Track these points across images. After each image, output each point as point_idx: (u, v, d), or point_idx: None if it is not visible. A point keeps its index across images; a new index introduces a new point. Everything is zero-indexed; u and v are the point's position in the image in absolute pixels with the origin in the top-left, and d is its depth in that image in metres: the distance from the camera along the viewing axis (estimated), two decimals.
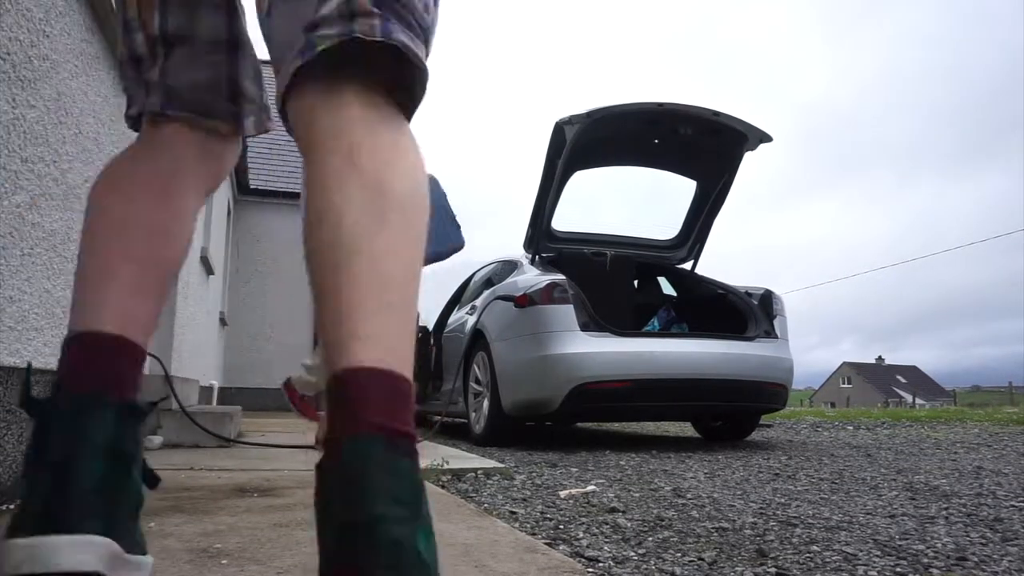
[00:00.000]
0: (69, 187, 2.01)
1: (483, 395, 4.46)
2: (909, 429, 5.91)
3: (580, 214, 4.97)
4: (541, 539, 1.61)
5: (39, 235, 1.80)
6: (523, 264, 4.83)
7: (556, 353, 3.86)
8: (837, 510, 2.06)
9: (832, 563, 1.45)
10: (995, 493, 2.38)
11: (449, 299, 6.24)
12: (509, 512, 1.98)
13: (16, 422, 1.70)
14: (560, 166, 4.41)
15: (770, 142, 4.69)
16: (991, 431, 5.46)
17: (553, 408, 3.90)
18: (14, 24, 1.57)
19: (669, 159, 4.99)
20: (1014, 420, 6.45)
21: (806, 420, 7.49)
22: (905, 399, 46.38)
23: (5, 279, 1.60)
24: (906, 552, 1.54)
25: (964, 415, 7.88)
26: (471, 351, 4.72)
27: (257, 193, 10.13)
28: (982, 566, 1.43)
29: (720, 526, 1.81)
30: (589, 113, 4.22)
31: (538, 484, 2.54)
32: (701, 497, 2.28)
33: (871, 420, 7.37)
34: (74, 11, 1.98)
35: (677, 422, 6.79)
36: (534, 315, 4.00)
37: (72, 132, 2.01)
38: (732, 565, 1.43)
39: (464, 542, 1.43)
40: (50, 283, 1.90)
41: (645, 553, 1.53)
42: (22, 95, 1.64)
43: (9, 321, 1.63)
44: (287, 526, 1.53)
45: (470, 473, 2.72)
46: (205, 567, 1.18)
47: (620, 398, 3.94)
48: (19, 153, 1.64)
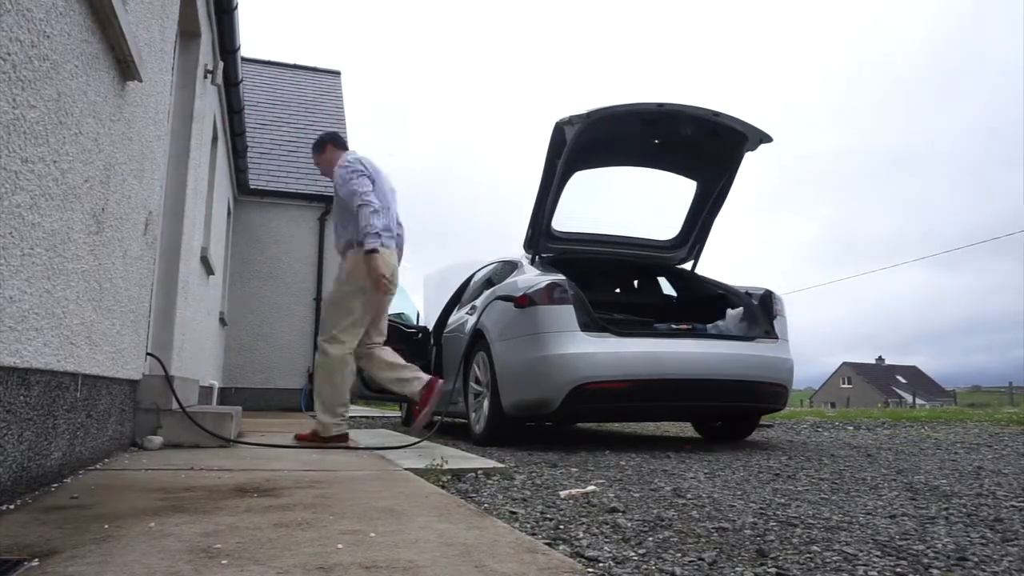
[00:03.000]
0: (69, 187, 2.01)
1: (483, 395, 4.45)
2: (909, 429, 5.90)
3: (580, 214, 4.96)
4: (541, 539, 1.61)
5: (39, 235, 1.80)
6: (523, 264, 4.83)
7: (556, 353, 3.86)
8: (837, 510, 2.06)
9: (832, 563, 1.45)
10: (995, 493, 2.38)
11: (449, 299, 6.23)
12: (509, 512, 1.98)
13: (16, 422, 1.70)
14: (560, 166, 4.40)
15: (770, 142, 4.69)
16: (991, 431, 5.46)
17: (553, 408, 3.90)
18: (14, 24, 1.57)
19: (669, 159, 4.98)
20: (1014, 420, 6.45)
21: (806, 420, 7.49)
22: (905, 399, 46.36)
23: (5, 279, 1.60)
24: (906, 552, 1.54)
25: (964, 415, 7.88)
26: (471, 351, 4.72)
27: (257, 193, 10.13)
28: (982, 566, 1.43)
29: (720, 526, 1.81)
30: (589, 113, 4.22)
31: (538, 484, 2.54)
32: (701, 497, 2.28)
33: (871, 420, 7.37)
34: (74, 11, 1.98)
35: (677, 422, 6.79)
36: (534, 315, 4.00)
37: (72, 132, 2.01)
38: (732, 565, 1.43)
39: (464, 542, 1.43)
40: (50, 283, 1.90)
41: (645, 553, 1.53)
42: (22, 95, 1.64)
43: (9, 321, 1.63)
44: (287, 526, 1.53)
45: (470, 473, 2.72)
46: (205, 567, 1.18)
47: (620, 398, 3.93)
48: (19, 153, 1.64)
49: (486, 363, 4.41)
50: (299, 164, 11.07)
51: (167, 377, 3.40)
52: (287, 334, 10.19)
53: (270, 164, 10.83)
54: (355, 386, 6.00)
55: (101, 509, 1.68)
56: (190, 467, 2.56)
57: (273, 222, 10.32)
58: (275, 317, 10.15)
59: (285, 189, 10.41)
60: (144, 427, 3.27)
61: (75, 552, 1.26)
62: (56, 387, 2.00)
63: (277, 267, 10.25)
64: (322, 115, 12.51)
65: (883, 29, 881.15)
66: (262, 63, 13.35)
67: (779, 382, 4.25)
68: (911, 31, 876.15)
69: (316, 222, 10.52)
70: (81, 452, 2.31)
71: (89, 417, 2.40)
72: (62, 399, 2.07)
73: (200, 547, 1.32)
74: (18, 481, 1.75)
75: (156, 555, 1.26)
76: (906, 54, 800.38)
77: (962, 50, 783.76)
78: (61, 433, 2.07)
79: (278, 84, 12.95)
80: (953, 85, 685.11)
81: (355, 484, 2.25)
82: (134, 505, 1.75)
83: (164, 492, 1.97)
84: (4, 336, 1.61)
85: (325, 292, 10.38)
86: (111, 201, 2.49)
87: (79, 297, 2.18)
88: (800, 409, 12.39)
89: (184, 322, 4.50)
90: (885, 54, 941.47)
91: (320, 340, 3.84)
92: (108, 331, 2.59)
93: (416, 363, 6.15)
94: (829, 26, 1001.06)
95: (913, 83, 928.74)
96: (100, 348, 2.48)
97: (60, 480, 2.09)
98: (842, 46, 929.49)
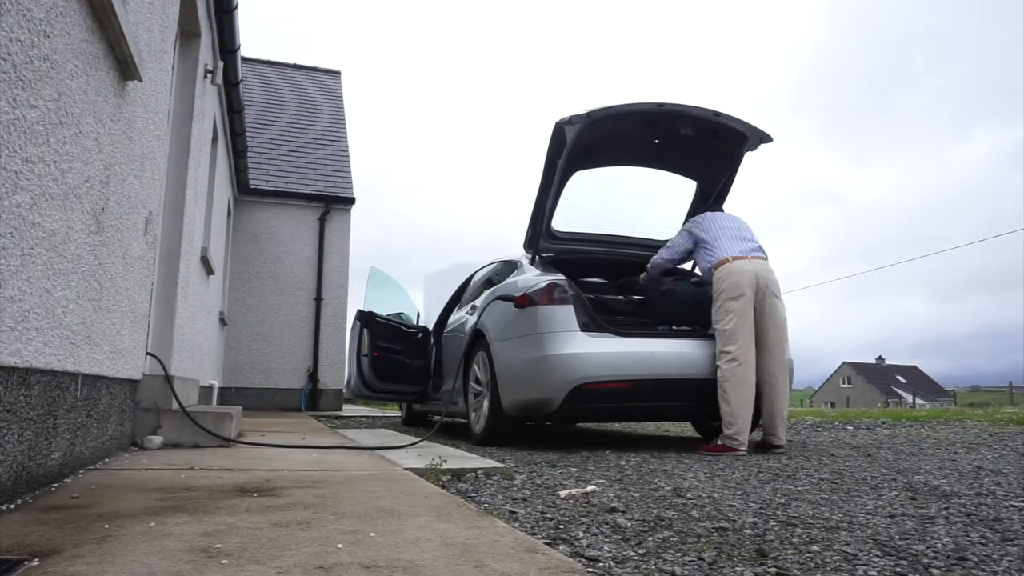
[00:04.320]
0: (69, 187, 2.01)
1: (483, 395, 4.46)
2: (909, 429, 5.90)
3: (580, 214, 4.96)
4: (541, 539, 1.61)
5: (39, 235, 1.80)
6: (523, 264, 4.83)
7: (556, 353, 3.86)
8: (837, 510, 2.06)
9: (832, 563, 1.45)
10: (995, 493, 2.38)
11: (449, 299, 6.24)
12: (509, 512, 1.98)
13: (16, 422, 1.71)
14: (560, 166, 4.40)
15: (770, 142, 4.69)
16: (991, 431, 5.46)
17: (553, 408, 3.90)
18: (15, 24, 1.57)
19: (669, 159, 4.98)
20: (1014, 420, 6.45)
21: (806, 420, 7.49)
22: (905, 399, 46.36)
23: (5, 279, 1.60)
24: (906, 552, 1.54)
25: (964, 415, 7.88)
26: (471, 351, 4.72)
27: (257, 193, 10.14)
28: (982, 566, 1.43)
29: (720, 526, 1.81)
30: (589, 113, 4.22)
31: (538, 484, 2.54)
32: (701, 497, 2.28)
33: (871, 420, 7.36)
34: (74, 11, 1.98)
35: (677, 422, 6.79)
36: (534, 315, 4.00)
37: (72, 132, 2.01)
38: (732, 565, 1.43)
39: (464, 542, 1.43)
40: (50, 283, 1.90)
41: (645, 553, 1.53)
42: (23, 95, 1.64)
43: (9, 321, 1.64)
44: (287, 526, 1.53)
45: (470, 473, 2.72)
46: (205, 567, 1.19)
47: (620, 398, 3.93)
48: (20, 153, 1.64)
49: (486, 363, 4.41)
50: (299, 164, 11.07)
51: (167, 377, 3.40)
52: (287, 334, 10.19)
53: (270, 164, 10.83)
54: (355, 386, 6.01)
55: (101, 509, 1.68)
56: (190, 467, 2.56)
57: (273, 222, 10.33)
58: (275, 317, 10.15)
59: (285, 189, 10.42)
60: (144, 427, 3.27)
61: (75, 552, 1.27)
62: (56, 387, 2.00)
63: (277, 267, 10.26)
64: (322, 115, 12.51)
65: (885, 30, 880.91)
66: (262, 63, 13.34)
67: None
68: (910, 32, 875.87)
69: (316, 222, 10.52)
70: (81, 452, 2.31)
71: (89, 417, 2.40)
72: (62, 399, 2.07)
73: (200, 547, 1.32)
74: (18, 481, 1.75)
75: (156, 555, 1.26)
76: (907, 55, 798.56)
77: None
78: (61, 433, 2.07)
79: (278, 84, 12.95)
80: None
81: (355, 484, 2.25)
82: (134, 505, 1.75)
83: (164, 492, 1.97)
84: (4, 336, 1.61)
85: (325, 292, 10.39)
86: (111, 201, 2.49)
87: (79, 297, 2.18)
88: (800, 409, 12.39)
89: (184, 322, 4.50)
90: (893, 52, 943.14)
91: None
92: (108, 331, 2.59)
93: (416, 363, 6.18)
94: (829, 26, 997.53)
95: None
96: (100, 348, 2.48)
97: (60, 480, 2.09)
98: (842, 46, 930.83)
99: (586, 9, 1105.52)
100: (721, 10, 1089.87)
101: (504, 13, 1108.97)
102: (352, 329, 6.19)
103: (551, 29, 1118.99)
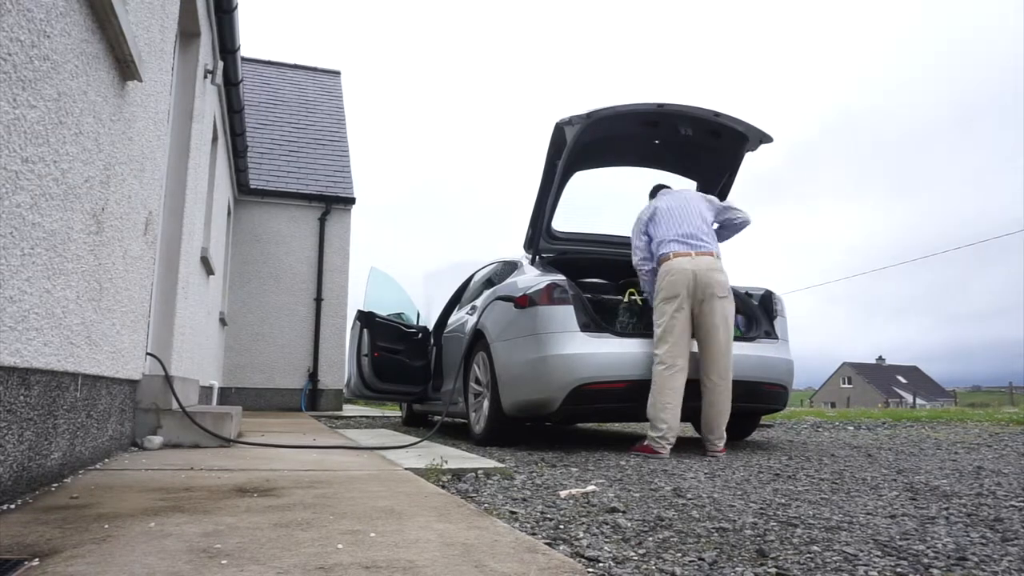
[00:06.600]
0: (69, 187, 2.01)
1: (483, 395, 4.46)
2: (909, 429, 5.90)
3: (580, 214, 4.96)
4: (541, 539, 1.61)
5: (39, 235, 1.80)
6: (523, 264, 4.83)
7: (556, 354, 3.85)
8: (837, 510, 2.06)
9: (832, 563, 1.45)
10: (995, 493, 2.38)
11: (449, 299, 6.24)
12: (509, 512, 1.98)
13: (16, 422, 1.71)
14: (560, 166, 4.40)
15: (771, 142, 4.69)
16: (991, 431, 5.46)
17: (553, 408, 3.90)
18: (15, 24, 1.57)
19: (669, 160, 4.98)
20: (1014, 420, 6.45)
21: (806, 420, 7.49)
22: (905, 399, 46.35)
23: (5, 279, 1.60)
24: (906, 552, 1.54)
25: (964, 415, 7.88)
26: (471, 351, 4.72)
27: (257, 193, 10.14)
28: (982, 566, 1.43)
29: (720, 526, 1.81)
30: (589, 113, 4.22)
31: (538, 484, 2.54)
32: (701, 497, 2.28)
33: (871, 420, 7.36)
34: (74, 11, 1.98)
35: None
36: (534, 315, 4.00)
37: (72, 132, 2.01)
38: (732, 565, 1.43)
39: (464, 542, 1.43)
40: (50, 283, 1.90)
41: (645, 553, 1.53)
42: (23, 95, 1.64)
43: (9, 321, 1.64)
44: (287, 526, 1.53)
45: (470, 473, 2.72)
46: (205, 567, 1.18)
47: (620, 398, 3.93)
48: (20, 153, 1.64)
49: (486, 363, 4.41)
50: (299, 164, 11.07)
51: (167, 377, 3.40)
52: (287, 334, 10.19)
53: (270, 164, 10.83)
54: (355, 386, 6.01)
55: (101, 509, 1.68)
56: (190, 467, 2.56)
57: (273, 222, 10.32)
58: (275, 317, 10.15)
59: (285, 189, 10.42)
60: (144, 427, 3.27)
61: (75, 552, 1.26)
62: (56, 387, 2.00)
63: (277, 267, 10.26)
64: (322, 115, 12.51)
65: (886, 29, 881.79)
66: (262, 63, 13.34)
67: (779, 382, 4.25)
68: (912, 31, 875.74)
69: (316, 222, 10.52)
70: (81, 452, 2.31)
71: (89, 417, 2.40)
72: (62, 399, 2.07)
73: (200, 547, 1.32)
74: (18, 481, 1.75)
75: (156, 555, 1.26)
76: (909, 54, 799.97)
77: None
78: (61, 433, 2.07)
79: (278, 84, 12.95)
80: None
81: (355, 484, 2.25)
82: (134, 505, 1.75)
83: (164, 492, 1.97)
84: (4, 336, 1.61)
85: (325, 292, 10.39)
86: (111, 201, 2.49)
87: (79, 297, 2.18)
88: (800, 409, 12.39)
89: (184, 322, 4.50)
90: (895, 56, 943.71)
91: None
92: (108, 331, 2.59)
93: (416, 363, 6.18)
94: (828, 27, 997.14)
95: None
96: (100, 348, 2.48)
97: (60, 480, 2.09)
98: (843, 46, 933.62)
99: (586, 9, 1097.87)
100: (721, 10, 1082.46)
101: (504, 13, 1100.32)
102: (352, 329, 6.19)
103: (551, 29, 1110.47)
